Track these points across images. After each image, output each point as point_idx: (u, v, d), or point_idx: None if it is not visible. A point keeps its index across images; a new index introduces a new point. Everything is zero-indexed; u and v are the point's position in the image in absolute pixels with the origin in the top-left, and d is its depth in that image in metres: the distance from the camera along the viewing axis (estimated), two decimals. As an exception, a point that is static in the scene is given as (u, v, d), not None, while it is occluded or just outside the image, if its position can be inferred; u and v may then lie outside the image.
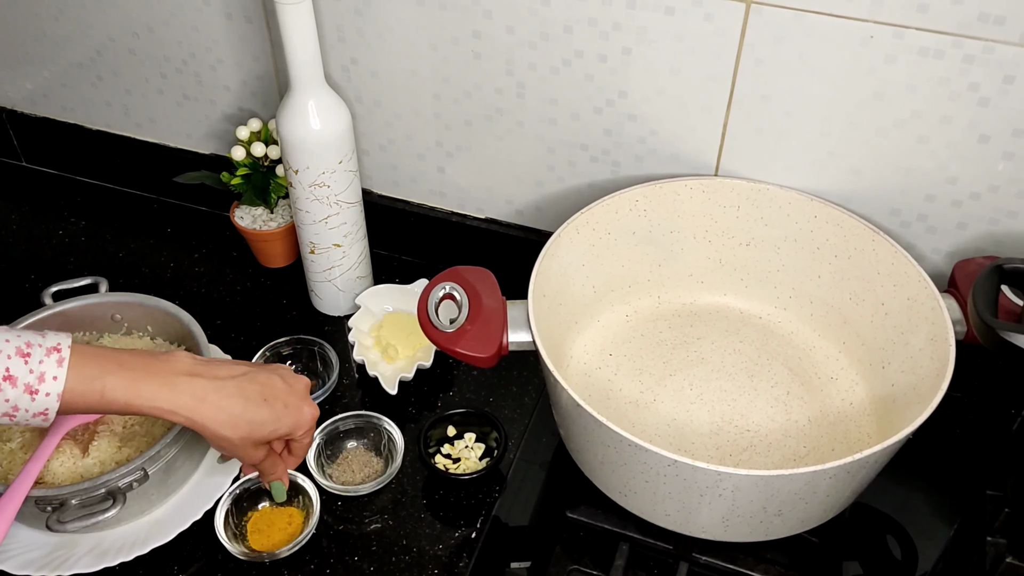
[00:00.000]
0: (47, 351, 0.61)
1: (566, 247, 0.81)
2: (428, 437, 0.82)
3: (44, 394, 0.61)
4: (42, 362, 0.61)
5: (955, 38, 0.70)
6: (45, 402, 0.61)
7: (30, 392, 0.60)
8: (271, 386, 0.68)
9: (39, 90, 1.08)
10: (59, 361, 0.61)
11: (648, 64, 0.80)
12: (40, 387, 0.61)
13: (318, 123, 0.81)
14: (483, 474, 0.79)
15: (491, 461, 0.80)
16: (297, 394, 0.70)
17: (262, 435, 0.68)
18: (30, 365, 0.60)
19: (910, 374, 0.75)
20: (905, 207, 0.81)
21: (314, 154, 0.83)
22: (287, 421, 0.68)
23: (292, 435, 0.70)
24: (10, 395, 0.60)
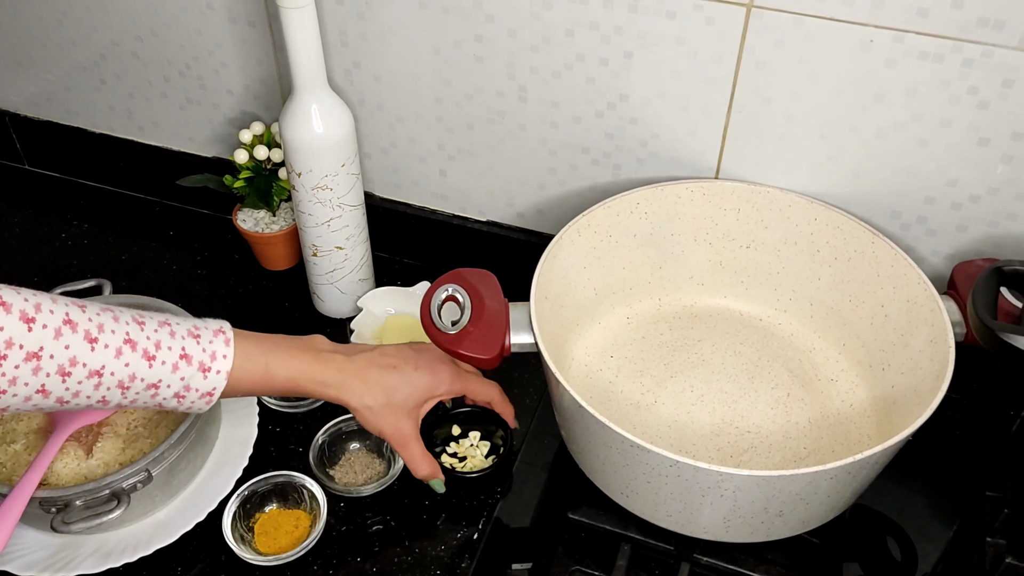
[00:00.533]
0: (214, 332, 0.66)
1: (567, 250, 0.81)
2: (434, 436, 0.82)
3: (215, 372, 0.64)
4: (211, 342, 0.65)
5: (955, 42, 0.71)
6: (215, 380, 0.65)
7: (203, 370, 0.64)
8: (399, 355, 0.73)
9: (42, 93, 1.08)
10: (226, 341, 0.66)
11: (649, 68, 0.80)
12: (212, 365, 0.64)
13: (321, 126, 0.82)
14: (491, 472, 0.80)
15: (497, 459, 0.81)
16: (430, 357, 0.74)
17: (400, 400, 0.71)
18: (201, 344, 0.64)
19: (910, 376, 0.75)
20: (905, 209, 0.81)
21: (317, 157, 0.83)
22: (422, 382, 0.72)
23: (433, 395, 0.73)
24: (186, 373, 0.63)
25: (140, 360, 0.62)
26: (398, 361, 0.72)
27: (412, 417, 0.73)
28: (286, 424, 0.86)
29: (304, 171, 0.84)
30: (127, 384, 0.62)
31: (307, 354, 0.70)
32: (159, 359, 0.62)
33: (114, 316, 0.62)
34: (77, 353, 0.59)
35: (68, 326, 0.59)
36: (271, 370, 0.67)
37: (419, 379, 0.72)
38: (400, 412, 0.72)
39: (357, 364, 0.71)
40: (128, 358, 0.61)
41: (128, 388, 0.62)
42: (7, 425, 0.79)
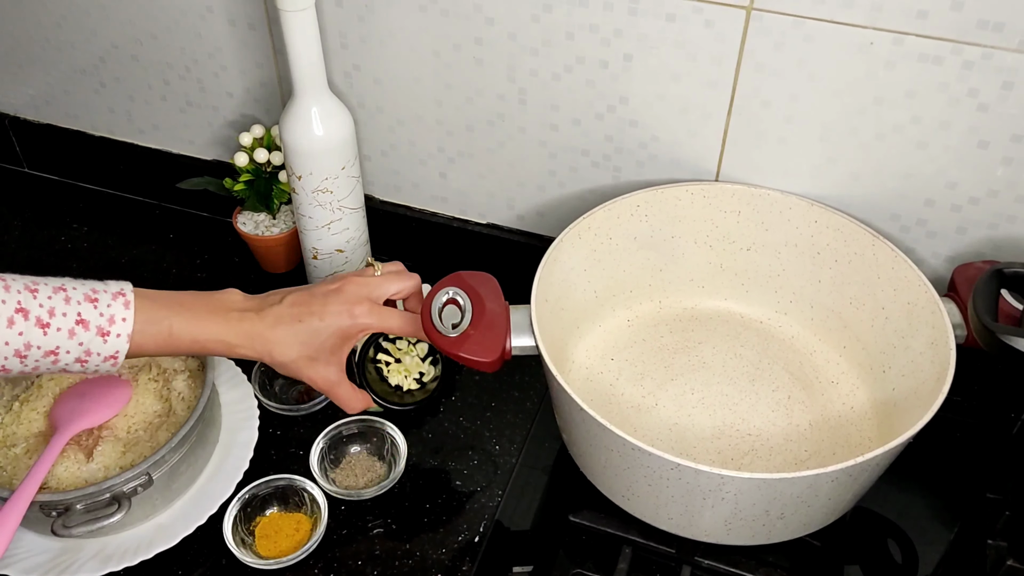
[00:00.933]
0: (113, 295, 0.64)
1: (568, 252, 0.81)
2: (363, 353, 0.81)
3: (115, 335, 0.63)
4: (110, 305, 0.64)
5: (954, 44, 0.71)
6: (116, 344, 0.64)
7: (102, 335, 0.63)
8: (306, 304, 0.71)
9: (42, 96, 1.08)
10: (126, 304, 0.64)
11: (649, 70, 0.80)
12: (111, 328, 0.63)
13: (321, 129, 0.82)
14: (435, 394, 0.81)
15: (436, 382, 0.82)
16: (341, 299, 0.71)
17: (315, 349, 0.70)
18: (99, 309, 0.63)
19: (911, 378, 0.75)
20: (905, 212, 0.81)
21: (317, 160, 0.83)
22: (335, 325, 0.71)
23: (349, 335, 0.72)
24: (84, 338, 0.62)
25: (33, 328, 0.61)
26: (305, 311, 0.71)
27: (331, 363, 0.72)
28: (287, 427, 0.86)
29: (304, 174, 0.84)
30: (23, 353, 0.62)
31: (215, 315, 0.69)
32: (53, 326, 0.62)
33: (5, 286, 0.62)
34: None
35: None
36: (175, 333, 0.66)
37: (330, 325, 0.71)
38: (317, 361, 0.71)
39: (266, 321, 0.70)
40: (21, 327, 0.61)
41: (26, 356, 0.62)
42: (7, 429, 0.79)
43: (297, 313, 0.71)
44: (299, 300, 0.72)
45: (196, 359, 0.84)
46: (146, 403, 0.81)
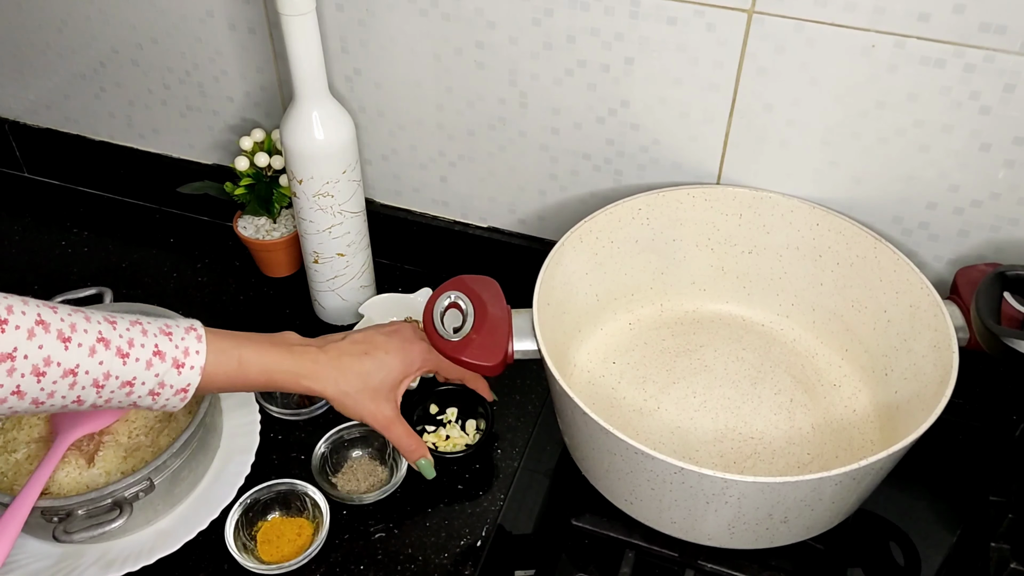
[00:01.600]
0: (185, 330, 0.66)
1: (569, 256, 0.81)
2: (412, 417, 0.84)
3: (189, 367, 0.65)
4: (183, 339, 0.65)
5: (956, 47, 0.71)
6: (189, 376, 0.65)
7: (177, 366, 0.64)
8: (370, 340, 0.74)
9: (41, 101, 1.08)
10: (198, 338, 0.66)
11: (650, 74, 0.80)
12: (186, 360, 0.65)
13: (322, 133, 0.82)
14: (474, 451, 0.81)
15: (480, 437, 0.82)
16: (400, 338, 0.75)
17: (376, 384, 0.72)
18: (174, 341, 0.64)
19: (913, 381, 0.75)
20: (907, 215, 0.81)
21: (318, 164, 0.83)
22: (395, 363, 0.73)
23: (407, 374, 0.74)
24: (160, 370, 0.63)
25: (114, 358, 0.62)
26: (369, 347, 0.73)
27: (390, 400, 0.74)
28: (288, 432, 0.86)
29: (305, 178, 0.84)
30: (102, 383, 0.62)
31: (279, 347, 0.70)
32: (132, 356, 0.63)
33: (86, 316, 0.62)
34: (51, 353, 0.59)
35: (41, 326, 0.59)
36: (244, 364, 0.68)
37: (392, 361, 0.73)
38: (378, 396, 0.73)
39: (329, 354, 0.72)
40: (102, 356, 0.61)
41: (103, 387, 0.62)
42: (8, 435, 0.79)
43: (361, 349, 0.73)
44: (361, 339, 0.74)
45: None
46: (147, 408, 0.81)
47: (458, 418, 0.85)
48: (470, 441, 0.83)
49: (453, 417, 0.85)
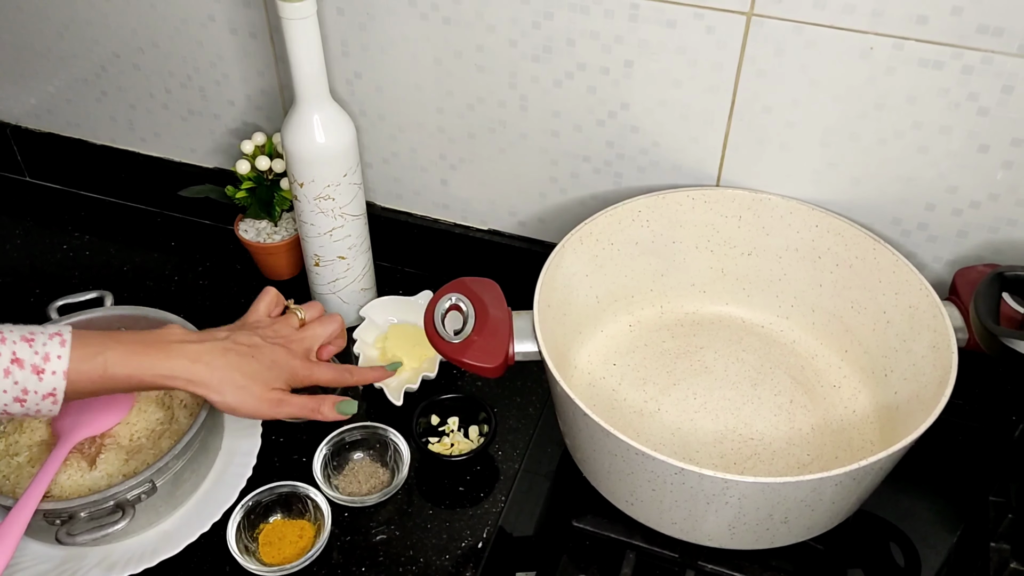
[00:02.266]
0: (49, 336, 0.65)
1: (570, 258, 0.81)
2: (418, 424, 0.84)
3: (50, 372, 0.64)
4: (45, 344, 0.65)
5: (954, 49, 0.71)
6: (52, 381, 0.64)
7: (37, 372, 0.64)
8: (252, 343, 0.72)
9: (43, 105, 1.09)
10: (61, 343, 0.65)
11: (650, 76, 0.80)
12: (46, 366, 0.64)
13: (323, 136, 0.82)
14: (478, 452, 0.81)
15: (484, 440, 0.82)
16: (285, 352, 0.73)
17: (263, 381, 0.71)
18: (35, 348, 0.64)
19: (913, 382, 0.75)
20: (906, 216, 0.81)
21: (318, 167, 0.83)
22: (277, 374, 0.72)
23: (294, 379, 0.73)
24: (19, 377, 0.63)
25: None
26: (254, 350, 0.72)
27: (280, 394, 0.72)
28: (290, 434, 0.86)
29: (306, 181, 0.84)
30: None
31: (152, 348, 0.68)
32: None
33: None
34: None
35: None
36: (110, 369, 0.66)
37: (276, 374, 0.72)
38: (267, 398, 0.71)
39: (213, 353, 0.70)
40: None
41: None
42: (10, 438, 0.79)
43: (245, 350, 0.71)
44: (246, 341, 0.72)
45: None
46: (148, 411, 0.81)
47: (460, 426, 0.85)
48: (475, 446, 0.83)
49: (455, 426, 0.85)
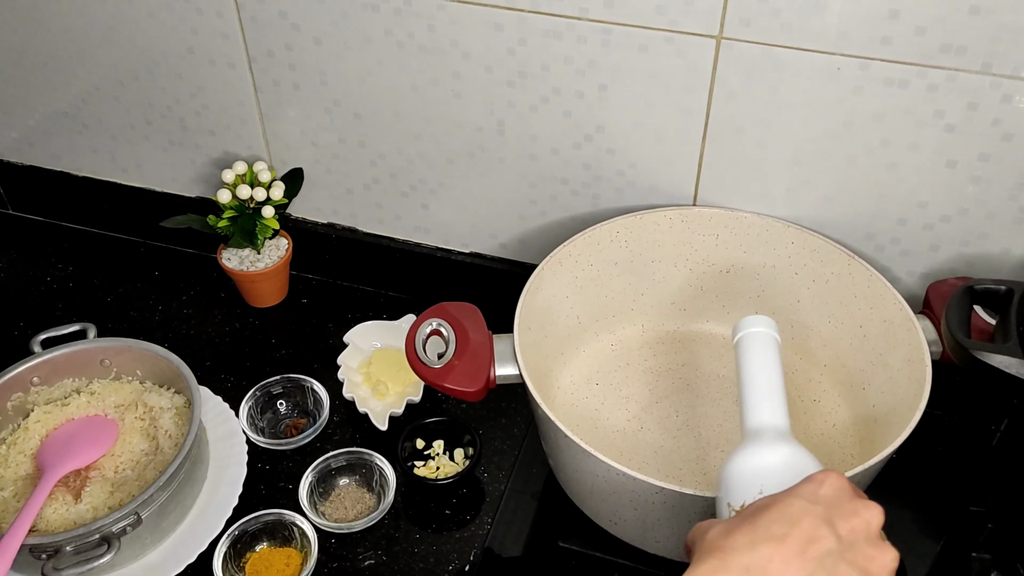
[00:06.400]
0: None
1: (550, 280, 0.82)
2: (403, 448, 0.84)
3: None
4: None
5: (919, 68, 0.72)
6: None
7: None
8: None
9: (25, 139, 1.09)
10: None
11: (624, 100, 0.82)
12: None
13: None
14: (464, 475, 0.82)
15: (469, 463, 0.82)
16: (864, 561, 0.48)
17: None
18: None
19: (889, 395, 0.76)
20: (878, 231, 0.83)
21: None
22: None
23: None
24: None
25: None
26: None
27: None
28: (275, 462, 0.86)
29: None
30: None
31: None
32: None
33: None
34: None
35: None
36: None
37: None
38: None
39: None
40: None
41: None
42: (-5, 472, 0.79)
43: None
44: None
45: (182, 396, 0.85)
46: (133, 442, 0.81)
47: (445, 449, 0.86)
48: (460, 469, 0.83)
49: (440, 449, 0.86)
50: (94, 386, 0.86)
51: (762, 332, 0.67)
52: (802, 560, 0.45)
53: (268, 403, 0.90)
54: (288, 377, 0.91)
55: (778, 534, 0.46)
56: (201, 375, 0.89)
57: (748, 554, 0.46)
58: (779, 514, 0.47)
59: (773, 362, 0.66)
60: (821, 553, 0.46)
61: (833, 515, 0.47)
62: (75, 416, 0.83)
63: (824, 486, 0.49)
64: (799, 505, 0.48)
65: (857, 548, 0.47)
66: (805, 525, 0.46)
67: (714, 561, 0.46)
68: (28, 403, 0.84)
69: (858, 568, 0.46)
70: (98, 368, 0.87)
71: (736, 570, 0.45)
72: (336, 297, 1.04)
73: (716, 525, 0.49)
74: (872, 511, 0.49)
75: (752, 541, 0.46)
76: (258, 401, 0.89)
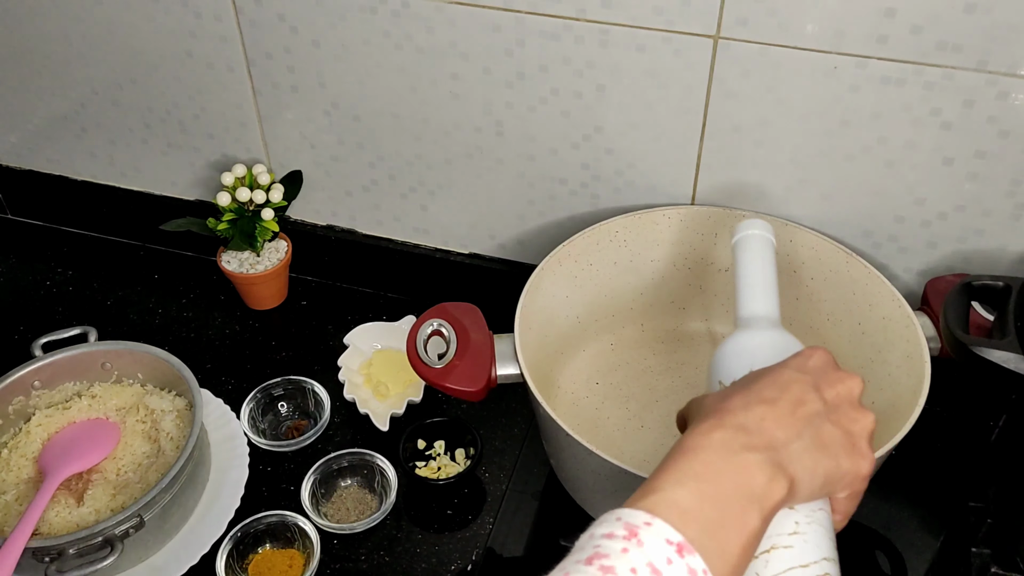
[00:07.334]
0: None
1: (549, 280, 0.82)
2: (405, 448, 0.84)
3: None
4: None
5: (915, 66, 0.73)
6: None
7: None
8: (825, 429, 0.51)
9: (23, 143, 1.09)
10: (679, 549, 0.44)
11: (622, 99, 0.82)
12: None
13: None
14: (465, 475, 0.82)
15: (470, 463, 0.83)
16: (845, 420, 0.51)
17: None
18: None
19: (888, 391, 0.77)
20: (876, 229, 0.83)
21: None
22: None
23: None
24: None
25: None
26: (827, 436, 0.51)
27: None
28: (277, 463, 0.86)
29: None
30: None
31: None
32: None
33: None
34: None
35: None
36: None
37: None
38: None
39: None
40: None
41: None
42: (-3, 476, 0.80)
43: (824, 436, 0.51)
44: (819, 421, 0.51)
45: (183, 398, 0.85)
46: (135, 445, 0.81)
47: (446, 449, 0.86)
48: (461, 469, 0.83)
49: (441, 449, 0.86)
50: (95, 389, 0.86)
51: (758, 234, 0.73)
52: (792, 419, 0.49)
53: (269, 405, 0.90)
54: (289, 379, 0.91)
55: (770, 397, 0.50)
56: (202, 378, 0.89)
57: (743, 414, 0.49)
58: (771, 381, 0.51)
59: (768, 260, 0.71)
60: (809, 414, 0.50)
61: (820, 382, 0.52)
62: (77, 419, 0.83)
63: (812, 359, 0.54)
64: (789, 374, 0.52)
65: (841, 411, 0.51)
66: (795, 390, 0.51)
67: (712, 420, 0.49)
68: (29, 407, 0.84)
69: (841, 428, 0.51)
70: (99, 371, 0.87)
71: (732, 427, 0.48)
72: (336, 299, 1.04)
73: (711, 394, 0.53)
74: (854, 379, 0.53)
75: (746, 403, 0.50)
76: (259, 403, 0.90)
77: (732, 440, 0.48)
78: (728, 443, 0.48)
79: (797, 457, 0.48)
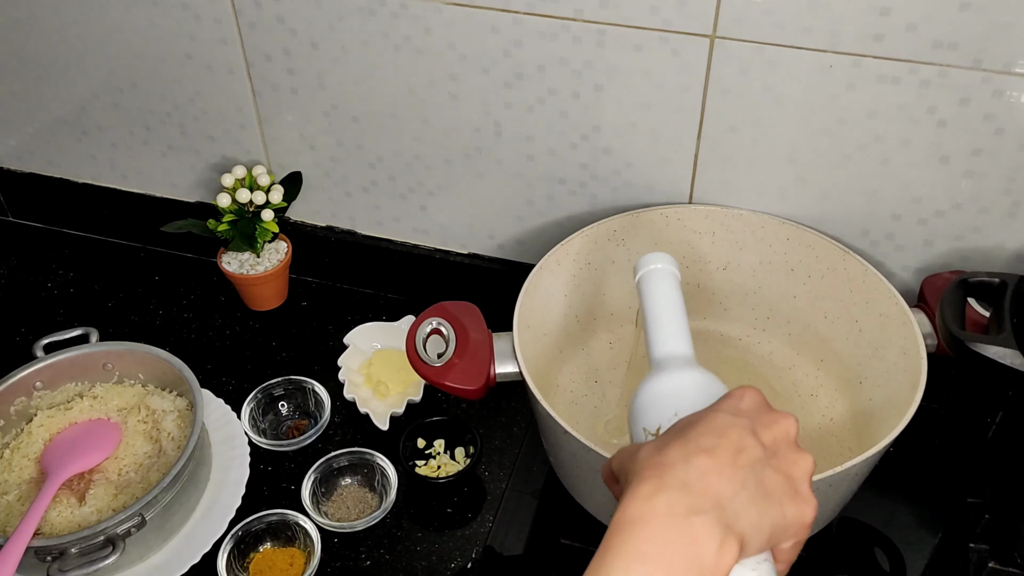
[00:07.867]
0: None
1: (548, 279, 0.83)
2: (405, 447, 0.84)
3: None
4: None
5: (911, 64, 0.73)
6: None
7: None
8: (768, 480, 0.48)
9: (24, 146, 1.09)
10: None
11: (619, 99, 0.82)
12: None
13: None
14: (465, 474, 0.82)
15: (470, 462, 0.83)
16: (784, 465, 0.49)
17: None
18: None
19: (886, 388, 0.77)
20: (873, 227, 0.83)
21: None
22: None
23: None
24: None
25: None
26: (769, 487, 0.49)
27: None
28: (277, 462, 0.87)
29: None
30: None
31: None
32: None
33: None
34: None
35: None
36: None
37: None
38: None
39: None
40: None
41: None
42: (-1, 476, 0.80)
43: None
44: None
45: (184, 398, 0.85)
46: (136, 445, 0.82)
47: (446, 448, 0.86)
48: (461, 468, 0.84)
49: (441, 448, 0.86)
50: (97, 390, 0.86)
51: (661, 268, 0.69)
52: (733, 469, 0.47)
53: (270, 405, 0.91)
54: (289, 379, 0.91)
55: (708, 446, 0.47)
56: (202, 378, 0.89)
57: (684, 468, 0.46)
58: (707, 427, 0.49)
59: (674, 296, 0.68)
60: (750, 461, 0.48)
61: (756, 425, 0.49)
62: (78, 420, 0.84)
63: (743, 401, 0.51)
64: (723, 419, 0.49)
65: (780, 455, 0.49)
66: (732, 436, 0.48)
67: (653, 480, 0.46)
68: (31, 407, 0.85)
69: (782, 473, 0.49)
70: (100, 372, 0.87)
71: (675, 487, 0.46)
72: (336, 299, 1.04)
73: (645, 446, 0.50)
74: (789, 419, 0.51)
75: (686, 455, 0.47)
76: (260, 403, 0.90)
77: (677, 503, 0.45)
78: (673, 507, 0.45)
79: (744, 511, 0.46)
